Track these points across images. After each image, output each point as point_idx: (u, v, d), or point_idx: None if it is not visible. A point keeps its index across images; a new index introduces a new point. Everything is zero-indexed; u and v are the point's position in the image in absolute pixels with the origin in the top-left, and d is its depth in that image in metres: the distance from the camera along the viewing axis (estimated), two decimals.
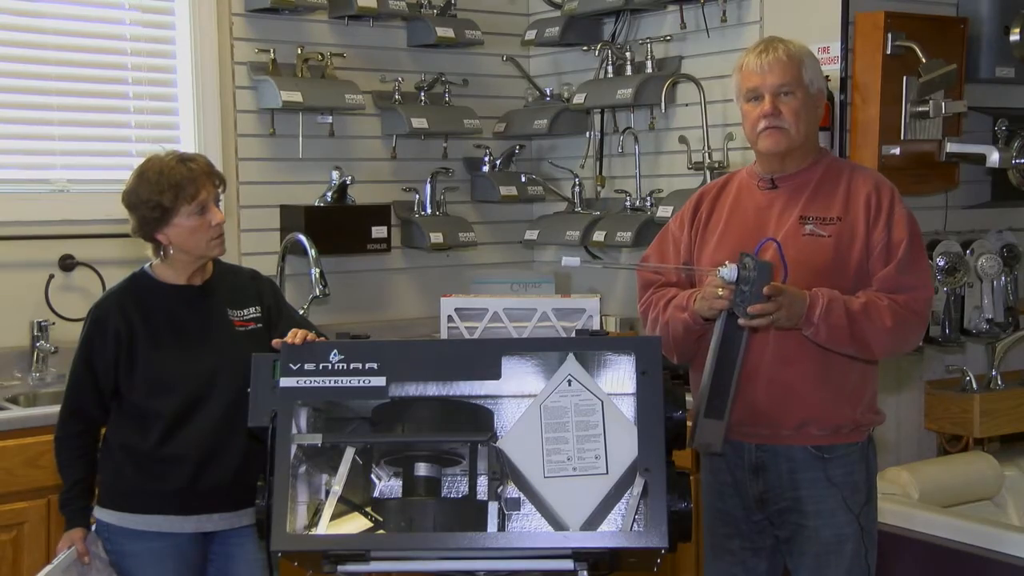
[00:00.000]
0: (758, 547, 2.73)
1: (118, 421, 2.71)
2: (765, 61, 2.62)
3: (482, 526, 2.17)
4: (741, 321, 2.45)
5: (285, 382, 2.30)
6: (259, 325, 2.77)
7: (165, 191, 2.63)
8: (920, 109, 3.52)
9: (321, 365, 2.31)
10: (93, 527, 2.71)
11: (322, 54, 4.23)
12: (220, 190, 2.73)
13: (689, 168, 4.05)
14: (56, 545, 2.73)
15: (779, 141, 2.63)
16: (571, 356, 2.29)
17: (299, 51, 4.19)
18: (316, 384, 2.30)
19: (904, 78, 3.50)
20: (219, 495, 2.68)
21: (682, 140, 4.09)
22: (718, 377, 2.54)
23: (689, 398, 2.36)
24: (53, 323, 3.79)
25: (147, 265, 2.76)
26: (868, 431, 2.69)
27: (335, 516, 2.21)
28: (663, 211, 4.01)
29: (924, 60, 3.48)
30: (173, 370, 2.66)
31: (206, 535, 2.72)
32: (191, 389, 2.65)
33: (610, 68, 4.31)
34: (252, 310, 2.79)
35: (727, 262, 2.45)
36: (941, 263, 3.65)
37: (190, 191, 2.64)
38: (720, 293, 2.48)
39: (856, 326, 2.51)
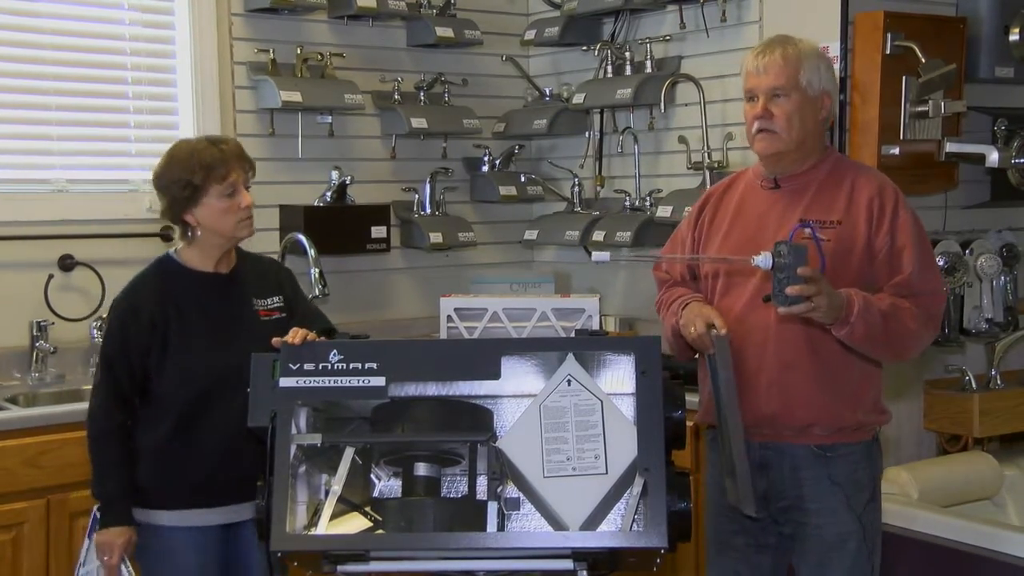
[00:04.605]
0: (762, 544, 2.73)
1: (143, 414, 2.68)
2: (761, 63, 2.62)
3: (481, 526, 2.18)
4: (781, 309, 2.39)
5: (285, 382, 2.31)
6: (283, 315, 2.77)
7: (196, 171, 2.64)
8: (919, 109, 3.52)
9: (321, 365, 2.31)
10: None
11: (321, 54, 4.23)
12: (250, 174, 2.75)
13: (688, 168, 4.05)
14: (81, 540, 2.68)
15: (769, 145, 2.63)
16: (571, 356, 2.29)
17: (298, 51, 4.19)
18: (316, 384, 2.31)
19: (904, 78, 3.49)
20: (243, 485, 2.64)
21: (681, 140, 4.09)
22: (722, 429, 2.55)
23: (689, 397, 2.36)
24: (52, 323, 3.78)
25: (172, 251, 2.78)
26: (873, 430, 2.69)
27: (334, 516, 2.22)
28: (662, 211, 4.00)
29: (923, 60, 3.48)
30: (201, 358, 2.65)
31: (226, 525, 2.71)
32: (219, 377, 2.63)
33: (609, 68, 4.31)
34: (276, 299, 2.79)
35: (761, 251, 2.39)
36: (941, 263, 3.64)
37: (220, 172, 2.66)
38: (699, 334, 2.50)
39: (888, 326, 2.49)
